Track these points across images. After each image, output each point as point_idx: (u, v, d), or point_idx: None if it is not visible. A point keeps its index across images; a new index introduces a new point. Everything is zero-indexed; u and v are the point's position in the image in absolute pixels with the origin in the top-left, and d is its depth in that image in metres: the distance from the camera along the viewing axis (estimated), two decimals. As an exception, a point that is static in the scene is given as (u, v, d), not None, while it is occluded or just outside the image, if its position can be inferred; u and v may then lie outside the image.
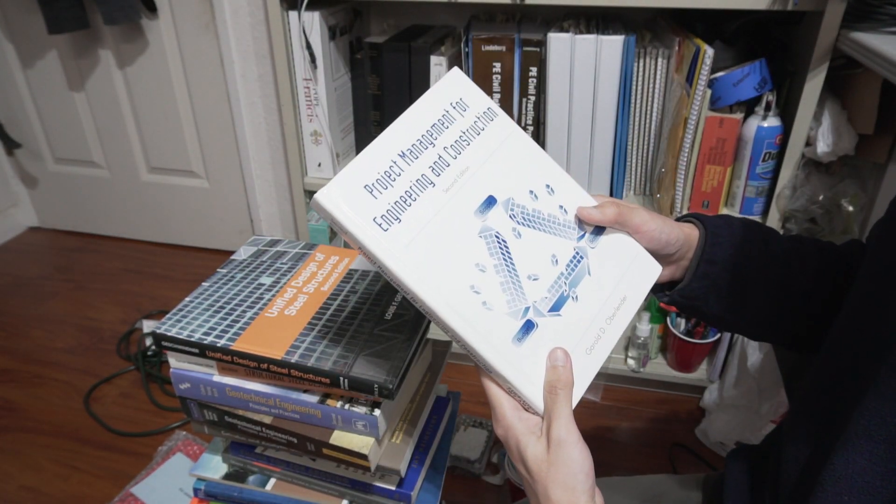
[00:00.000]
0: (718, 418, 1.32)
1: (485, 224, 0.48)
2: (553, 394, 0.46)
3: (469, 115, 0.51)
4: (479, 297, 0.46)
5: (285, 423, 0.57)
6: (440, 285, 0.45)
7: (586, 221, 0.52)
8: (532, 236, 0.50)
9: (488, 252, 0.48)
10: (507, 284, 0.48)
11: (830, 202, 1.14)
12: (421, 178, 0.47)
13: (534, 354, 0.47)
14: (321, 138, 1.36)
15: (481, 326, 0.45)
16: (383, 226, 0.45)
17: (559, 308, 0.49)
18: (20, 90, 1.97)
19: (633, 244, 0.54)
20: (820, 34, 1.00)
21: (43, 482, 1.28)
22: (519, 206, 0.50)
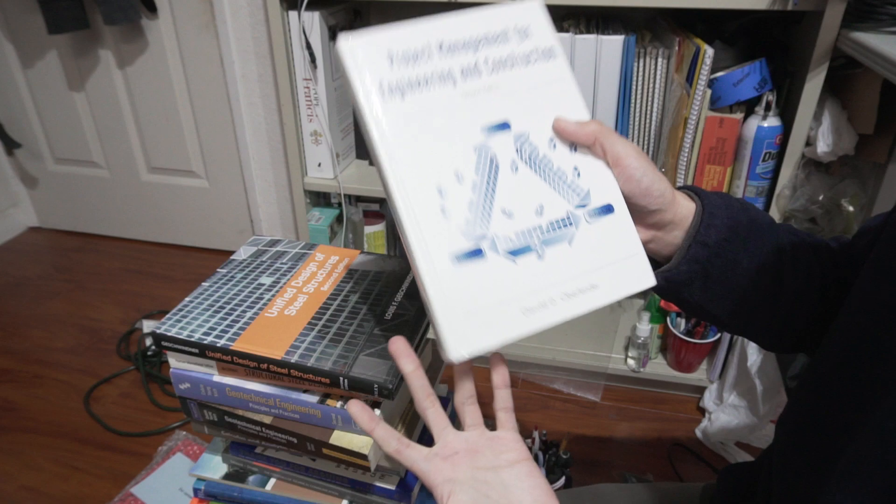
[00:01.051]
0: (718, 418, 1.32)
1: (486, 142, 0.46)
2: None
3: (526, 45, 0.48)
4: (441, 201, 0.44)
5: (285, 423, 0.57)
6: (409, 171, 0.44)
7: (560, 134, 0.48)
8: (528, 178, 0.47)
9: (475, 167, 0.45)
10: (476, 206, 0.45)
11: (830, 202, 1.14)
12: (446, 74, 0.45)
13: (464, 283, 0.44)
14: (321, 138, 1.36)
15: (427, 228, 0.44)
16: (385, 94, 0.44)
17: (517, 255, 0.46)
18: (20, 90, 1.97)
19: (637, 244, 0.49)
20: (820, 34, 1.00)
21: (43, 482, 1.28)
22: (531, 145, 0.47)
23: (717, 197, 0.52)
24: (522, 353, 1.49)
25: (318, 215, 1.48)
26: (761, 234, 0.52)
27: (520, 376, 1.52)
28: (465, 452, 0.47)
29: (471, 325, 0.44)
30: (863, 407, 0.39)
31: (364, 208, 1.51)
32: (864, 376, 0.40)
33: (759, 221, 0.53)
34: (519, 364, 1.52)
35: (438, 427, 0.48)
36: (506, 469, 0.46)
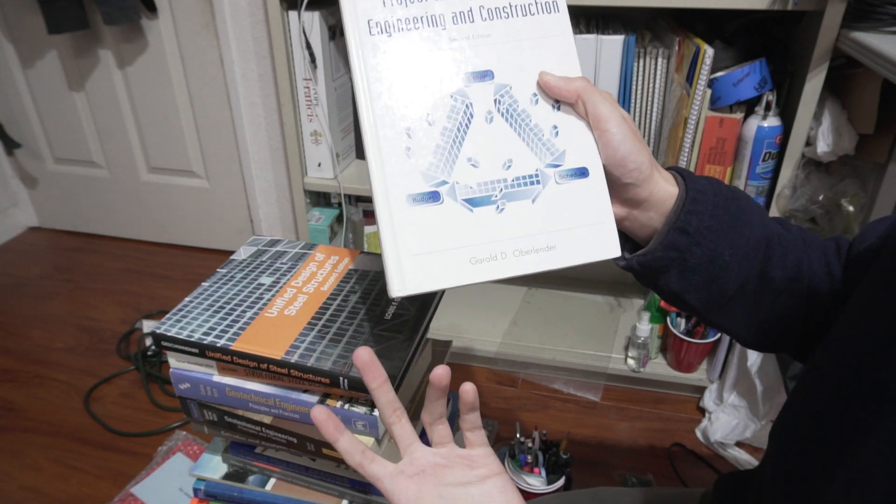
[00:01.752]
0: (718, 418, 1.32)
1: (464, 89, 0.46)
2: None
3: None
4: (407, 142, 0.45)
5: (285, 423, 0.57)
6: (382, 109, 0.45)
7: (544, 87, 0.47)
8: (501, 130, 0.46)
9: (447, 113, 0.45)
10: (442, 151, 0.45)
11: (830, 202, 1.13)
12: (437, 17, 0.46)
13: (416, 224, 0.44)
14: (321, 138, 1.36)
15: (389, 165, 0.45)
16: (372, 30, 0.45)
17: (475, 205, 0.45)
18: (20, 90, 1.97)
19: (607, 212, 0.47)
20: (820, 34, 1.00)
21: (43, 482, 1.28)
22: (511, 98, 0.47)
23: (705, 182, 0.49)
24: (522, 354, 1.49)
25: (318, 215, 1.48)
26: (749, 225, 0.49)
27: (520, 376, 1.52)
28: (432, 469, 0.46)
29: (416, 265, 0.44)
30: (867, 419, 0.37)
31: (364, 208, 1.51)
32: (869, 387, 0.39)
33: (747, 212, 0.50)
34: (519, 364, 1.52)
35: (405, 443, 0.47)
36: (476, 485, 0.45)
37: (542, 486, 1.11)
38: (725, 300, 0.50)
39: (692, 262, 0.48)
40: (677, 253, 0.47)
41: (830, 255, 0.52)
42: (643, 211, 0.48)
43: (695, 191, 0.47)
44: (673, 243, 0.47)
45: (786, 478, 0.44)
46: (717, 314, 0.52)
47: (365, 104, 0.45)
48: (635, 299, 1.65)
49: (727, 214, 0.48)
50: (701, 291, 0.50)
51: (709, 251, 0.47)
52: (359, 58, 0.45)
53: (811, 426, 0.44)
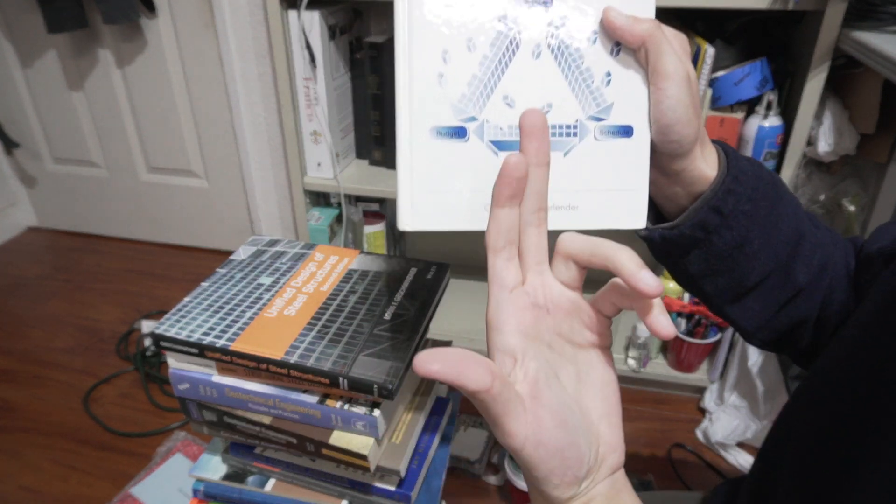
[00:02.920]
0: (719, 419, 1.32)
1: (515, 14, 0.40)
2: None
3: None
4: (441, 67, 0.40)
5: (285, 424, 0.57)
6: (420, 23, 0.40)
7: (607, 25, 0.41)
8: (548, 69, 0.41)
9: (491, 40, 0.40)
10: (477, 84, 0.41)
11: (832, 202, 1.13)
12: None
13: (436, 160, 0.41)
14: (321, 138, 1.35)
15: (417, 91, 0.40)
16: None
17: (501, 148, 0.41)
18: (19, 89, 1.97)
19: (643, 180, 0.43)
20: (821, 33, 0.99)
21: (43, 482, 1.28)
22: (567, 33, 0.41)
23: (748, 164, 0.45)
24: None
25: (317, 215, 1.48)
26: (784, 217, 0.46)
27: (520, 376, 1.52)
28: (552, 307, 0.35)
29: (430, 202, 0.42)
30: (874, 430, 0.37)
31: (364, 208, 1.51)
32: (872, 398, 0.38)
33: (784, 202, 0.46)
34: (519, 364, 1.51)
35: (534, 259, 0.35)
36: (582, 351, 0.36)
37: (542, 486, 1.11)
38: (743, 292, 0.48)
39: (719, 245, 0.45)
40: (705, 234, 0.44)
41: (850, 255, 0.51)
42: (670, 183, 0.45)
43: (737, 170, 0.43)
44: (703, 222, 0.44)
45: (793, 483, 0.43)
46: (730, 305, 0.49)
47: (403, 11, 0.39)
48: (635, 299, 1.64)
49: (766, 200, 0.44)
50: (720, 278, 0.47)
51: (739, 237, 0.44)
52: None
53: (815, 432, 0.43)
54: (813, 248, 0.48)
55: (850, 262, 0.50)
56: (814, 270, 0.48)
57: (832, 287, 0.49)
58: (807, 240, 0.47)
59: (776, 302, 0.48)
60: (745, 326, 0.50)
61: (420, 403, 0.64)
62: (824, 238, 0.49)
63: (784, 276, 0.47)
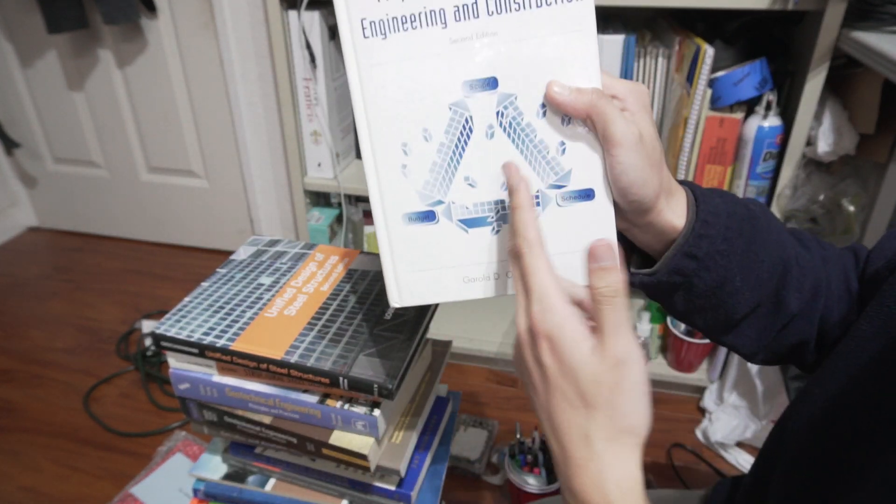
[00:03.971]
0: (718, 418, 1.32)
1: (464, 100, 0.42)
2: (607, 304, 0.36)
3: None
4: (404, 159, 0.43)
5: (285, 424, 0.57)
6: (379, 122, 0.42)
7: (551, 102, 0.41)
8: (502, 147, 0.42)
9: (445, 127, 0.42)
10: (438, 169, 0.43)
11: (831, 202, 1.13)
12: (437, 12, 0.41)
13: (412, 242, 0.44)
14: (321, 138, 1.36)
15: (384, 183, 0.43)
16: (366, 31, 0.42)
17: (471, 226, 0.44)
18: (19, 90, 1.97)
19: (611, 237, 0.44)
20: (820, 33, 0.99)
21: (43, 482, 1.28)
22: (516, 110, 0.42)
23: (719, 201, 0.45)
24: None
25: (317, 215, 1.48)
26: (765, 248, 0.46)
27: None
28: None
29: (412, 280, 0.46)
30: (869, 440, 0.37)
31: (364, 208, 1.51)
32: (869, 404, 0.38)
33: (764, 232, 0.46)
34: (519, 364, 1.52)
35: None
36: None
37: (542, 486, 1.11)
38: (734, 323, 0.48)
39: (700, 287, 0.45)
40: (683, 278, 0.45)
41: (849, 269, 0.50)
42: (641, 233, 0.46)
43: (706, 213, 0.44)
44: (679, 268, 0.45)
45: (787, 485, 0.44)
46: (724, 335, 0.49)
47: (361, 114, 0.43)
48: (635, 299, 1.64)
49: (741, 238, 0.45)
50: (707, 314, 0.48)
51: (718, 276, 0.45)
52: (353, 63, 0.42)
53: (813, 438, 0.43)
54: (803, 274, 0.48)
55: (849, 276, 0.50)
56: (806, 296, 0.48)
57: (828, 307, 0.49)
58: (794, 267, 0.47)
59: (771, 328, 0.49)
60: (742, 352, 0.51)
61: (420, 403, 0.64)
62: (815, 260, 0.49)
63: (775, 306, 0.47)
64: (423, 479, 0.62)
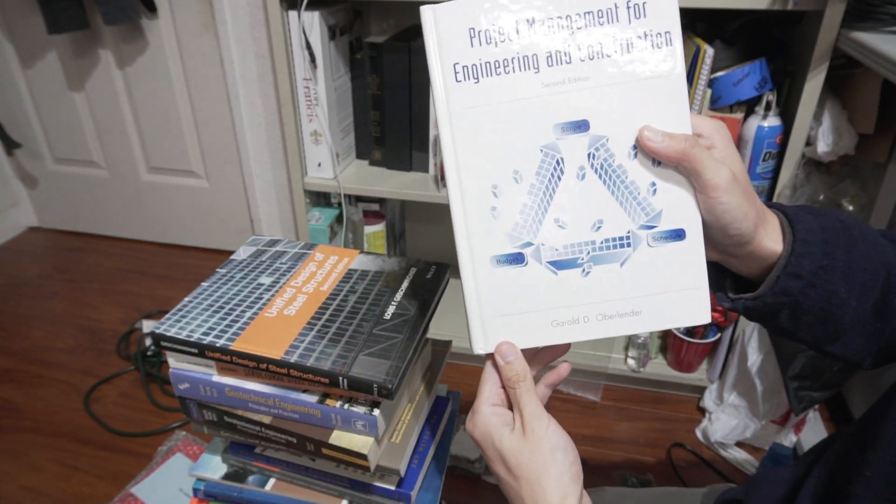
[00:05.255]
0: (718, 418, 1.32)
1: (556, 142, 0.42)
2: (513, 388, 0.44)
3: (637, 27, 0.41)
4: (493, 201, 0.43)
5: (285, 423, 0.57)
6: (469, 163, 0.42)
7: (643, 147, 0.42)
8: (594, 188, 0.43)
9: (536, 169, 0.42)
10: (528, 211, 0.43)
11: (831, 202, 1.14)
12: (530, 58, 0.41)
13: (500, 286, 0.44)
14: (321, 138, 1.36)
15: (473, 225, 0.43)
16: (458, 76, 0.41)
17: (560, 268, 0.44)
18: (20, 90, 1.97)
19: (702, 278, 0.44)
20: (820, 34, 1.00)
21: (43, 482, 1.28)
22: (607, 152, 0.42)
23: (811, 218, 0.45)
24: (522, 353, 1.49)
25: (317, 215, 1.48)
26: (864, 256, 0.46)
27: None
28: None
29: (499, 325, 0.45)
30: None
31: (364, 208, 1.51)
32: None
33: (860, 240, 0.47)
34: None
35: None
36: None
37: (542, 486, 1.11)
38: (841, 333, 0.48)
39: (806, 305, 0.46)
40: (789, 298, 0.45)
41: None
42: (740, 263, 0.47)
43: (803, 231, 0.44)
44: (785, 289, 0.45)
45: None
46: (832, 346, 0.49)
47: (451, 156, 0.42)
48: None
49: (839, 249, 0.45)
50: (815, 328, 0.48)
51: (824, 291, 0.45)
52: (444, 107, 0.42)
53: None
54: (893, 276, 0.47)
55: None
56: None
57: None
58: (892, 270, 0.47)
59: (880, 334, 0.48)
60: (851, 360, 0.50)
61: (420, 403, 0.64)
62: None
63: (882, 310, 0.47)
64: (423, 479, 0.62)
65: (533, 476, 0.42)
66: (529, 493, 0.42)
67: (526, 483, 0.43)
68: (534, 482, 0.42)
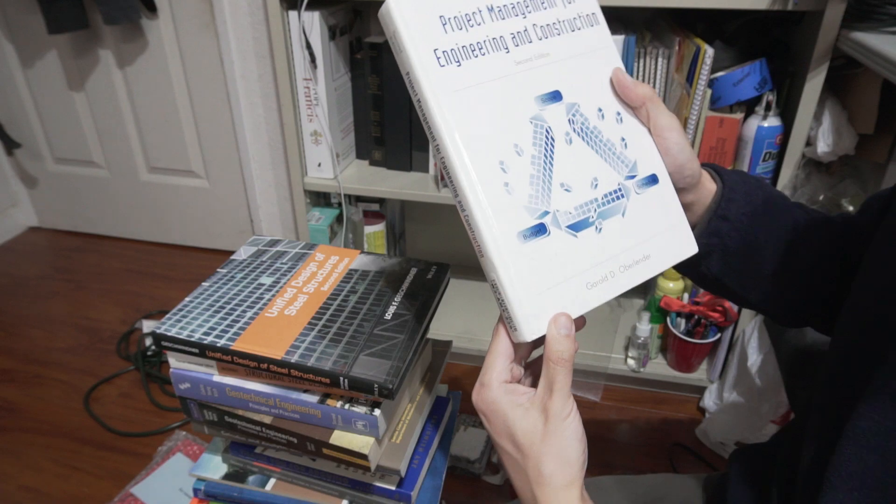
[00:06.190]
0: (718, 418, 1.32)
1: (540, 113, 0.45)
2: (558, 365, 0.44)
3: (571, 9, 0.48)
4: (504, 177, 0.43)
5: (285, 423, 0.57)
6: (470, 143, 0.42)
7: (618, 86, 0.48)
8: (582, 150, 0.46)
9: (532, 139, 0.44)
10: (537, 180, 0.44)
11: (831, 202, 1.14)
12: (498, 39, 0.44)
13: (531, 259, 0.43)
14: (321, 138, 1.36)
15: (492, 204, 0.42)
16: (441, 60, 0.42)
17: (578, 230, 0.45)
18: (20, 90, 1.97)
19: (680, 213, 0.50)
20: (820, 34, 1.00)
21: (43, 482, 1.28)
22: (581, 116, 0.47)
23: (736, 174, 0.54)
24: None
25: (318, 215, 1.48)
26: (777, 209, 0.54)
27: (520, 376, 1.52)
28: None
29: (542, 302, 0.44)
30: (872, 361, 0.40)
31: (364, 208, 1.51)
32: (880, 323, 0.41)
33: (774, 197, 0.55)
34: (519, 364, 1.52)
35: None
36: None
37: (542, 486, 1.11)
38: (761, 280, 0.55)
39: (732, 247, 0.52)
40: (718, 239, 0.52)
41: (844, 227, 0.56)
42: (689, 212, 0.52)
43: (731, 181, 0.52)
44: (715, 230, 0.52)
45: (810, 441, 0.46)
46: (756, 295, 0.56)
47: (451, 141, 0.42)
48: (635, 299, 1.65)
49: (759, 199, 0.53)
50: (741, 275, 0.54)
51: (746, 234, 0.52)
52: (431, 93, 0.41)
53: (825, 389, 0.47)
54: (809, 228, 0.55)
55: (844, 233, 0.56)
56: (815, 247, 0.54)
57: (836, 256, 0.55)
58: (802, 223, 0.55)
59: (795, 282, 0.55)
60: (773, 312, 0.58)
61: (420, 403, 0.64)
62: (816, 218, 0.56)
63: (794, 258, 0.54)
64: (423, 479, 0.62)
65: (542, 457, 0.42)
66: (535, 472, 0.42)
67: (533, 462, 0.42)
68: (542, 463, 0.42)
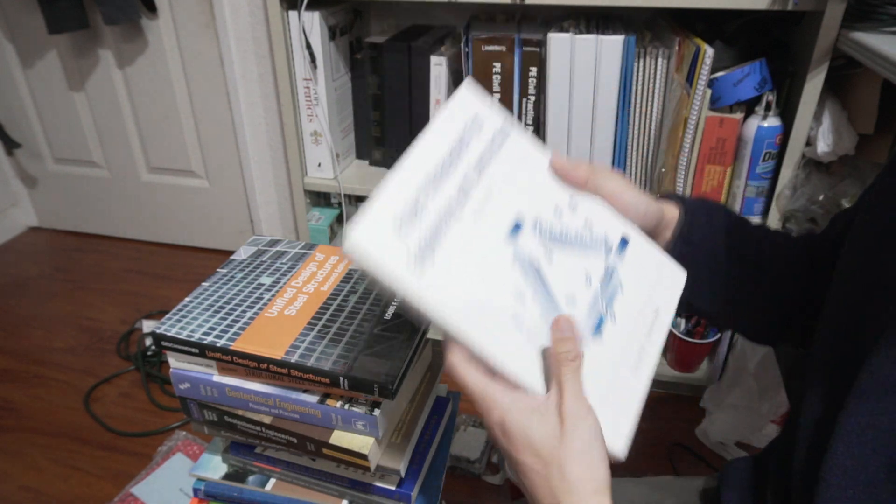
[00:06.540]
0: (718, 418, 1.32)
1: (517, 250, 0.45)
2: (565, 366, 0.42)
3: (486, 133, 0.48)
4: (519, 337, 0.43)
5: (285, 423, 0.57)
6: (485, 323, 0.42)
7: (559, 172, 0.50)
8: (564, 257, 0.47)
9: (524, 279, 0.45)
10: (546, 311, 0.44)
11: (831, 202, 1.14)
12: (448, 208, 0.43)
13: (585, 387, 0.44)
14: (321, 138, 1.36)
15: (524, 363, 0.43)
16: (415, 267, 0.40)
17: (599, 329, 0.46)
18: (20, 90, 1.97)
19: (659, 253, 0.52)
20: (820, 34, 1.00)
21: (43, 482, 1.28)
22: (547, 226, 0.47)
23: (696, 200, 0.57)
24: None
25: (318, 215, 1.48)
26: (738, 229, 0.58)
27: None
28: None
29: (611, 413, 0.44)
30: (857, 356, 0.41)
31: (364, 208, 1.51)
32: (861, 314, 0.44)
33: (733, 219, 0.58)
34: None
35: None
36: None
37: (542, 486, 1.11)
38: (731, 299, 0.58)
39: (698, 269, 0.55)
40: (684, 262, 0.54)
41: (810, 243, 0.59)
42: (658, 238, 0.56)
43: (691, 207, 0.56)
44: (680, 254, 0.54)
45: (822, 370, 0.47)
46: (725, 314, 0.59)
47: (465, 334, 0.41)
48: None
49: (720, 222, 0.57)
50: (709, 295, 0.57)
51: (710, 255, 0.55)
52: (420, 298, 0.40)
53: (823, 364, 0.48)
54: (774, 245, 0.58)
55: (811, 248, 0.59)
56: (780, 262, 0.58)
57: (802, 271, 0.58)
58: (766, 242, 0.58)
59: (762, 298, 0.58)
60: (748, 328, 0.61)
61: (420, 403, 0.64)
62: (779, 235, 0.60)
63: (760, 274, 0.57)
64: (422, 478, 0.62)
65: (565, 459, 0.40)
66: (559, 478, 0.40)
67: (556, 467, 0.40)
68: (565, 466, 0.40)
